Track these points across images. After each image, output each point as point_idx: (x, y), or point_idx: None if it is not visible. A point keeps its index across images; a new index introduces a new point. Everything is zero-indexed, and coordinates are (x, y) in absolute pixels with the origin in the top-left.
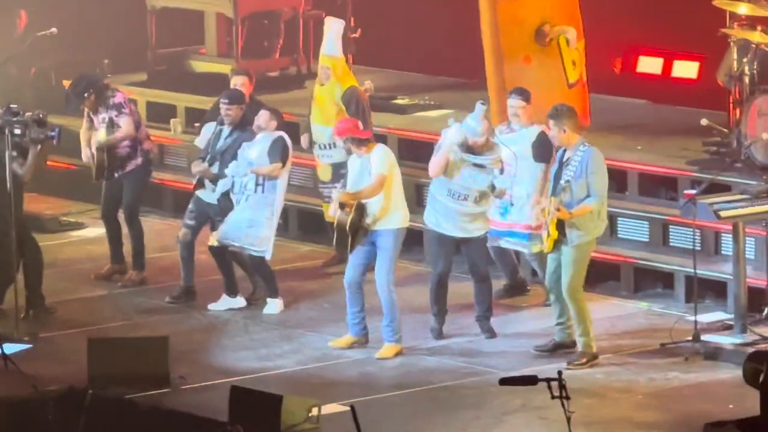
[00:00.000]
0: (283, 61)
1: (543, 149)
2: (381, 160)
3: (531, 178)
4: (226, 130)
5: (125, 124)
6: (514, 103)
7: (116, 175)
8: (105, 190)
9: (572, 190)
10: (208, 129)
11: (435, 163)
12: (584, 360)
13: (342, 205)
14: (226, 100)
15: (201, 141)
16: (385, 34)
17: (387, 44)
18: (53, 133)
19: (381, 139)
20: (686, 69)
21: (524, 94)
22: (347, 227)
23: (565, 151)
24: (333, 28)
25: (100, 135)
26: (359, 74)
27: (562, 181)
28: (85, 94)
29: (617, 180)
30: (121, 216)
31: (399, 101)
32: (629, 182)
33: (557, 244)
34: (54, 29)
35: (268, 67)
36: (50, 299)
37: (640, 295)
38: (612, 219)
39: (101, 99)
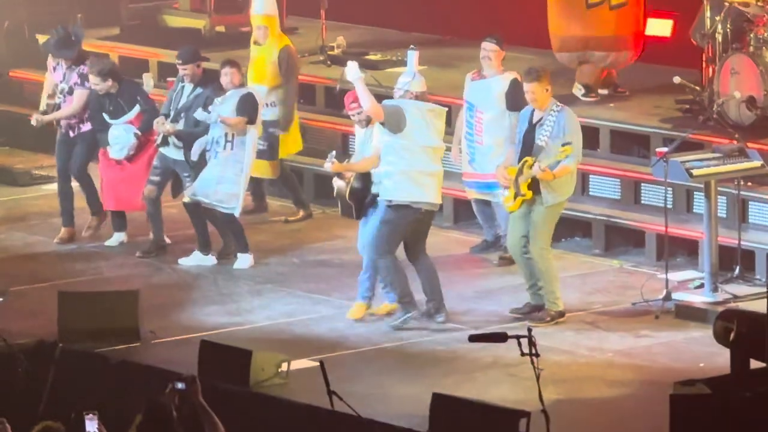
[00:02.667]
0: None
1: (517, 97)
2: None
3: (499, 127)
4: (188, 86)
5: (78, 98)
6: (487, 46)
7: (71, 134)
8: (58, 146)
9: (549, 150)
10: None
11: None
12: (548, 318)
13: (341, 174)
14: (179, 61)
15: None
16: None
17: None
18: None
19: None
20: (660, 27)
21: (498, 39)
22: (347, 196)
23: (533, 111)
24: None
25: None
26: (332, 30)
27: (539, 142)
28: (68, 55)
29: (589, 137)
30: None
31: (371, 57)
32: (601, 140)
33: (527, 204)
34: None
35: (241, 22)
36: (21, 252)
37: (612, 252)
38: (584, 176)
39: (78, 61)
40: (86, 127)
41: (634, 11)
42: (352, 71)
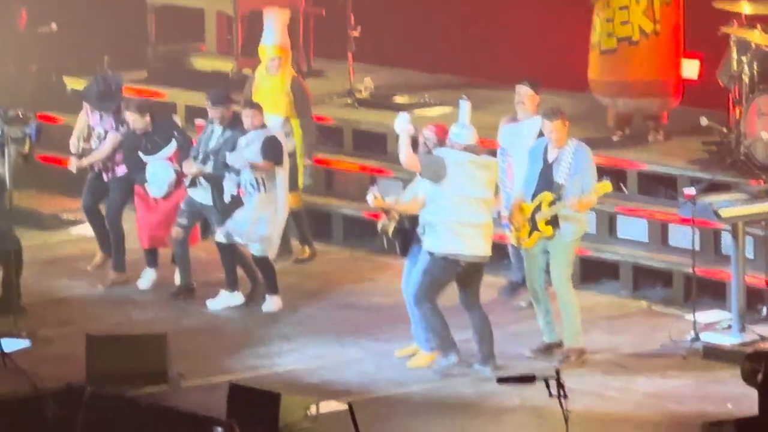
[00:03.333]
0: None
1: None
2: None
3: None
4: (218, 129)
5: (110, 142)
6: (521, 90)
7: (105, 177)
8: (89, 183)
9: (570, 187)
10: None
11: None
12: (574, 357)
13: (385, 210)
14: (210, 102)
15: None
16: (385, 31)
17: (386, 42)
18: (30, 131)
19: (380, 137)
20: (687, 68)
21: (533, 83)
22: (390, 233)
23: (546, 148)
24: (273, 17)
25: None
26: (359, 72)
27: (559, 180)
28: (114, 105)
29: (617, 179)
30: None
31: (399, 99)
32: (629, 181)
33: (544, 240)
34: (54, 25)
35: None
36: (49, 296)
37: (640, 294)
38: (611, 218)
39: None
40: (120, 171)
41: (668, 56)
42: (401, 122)
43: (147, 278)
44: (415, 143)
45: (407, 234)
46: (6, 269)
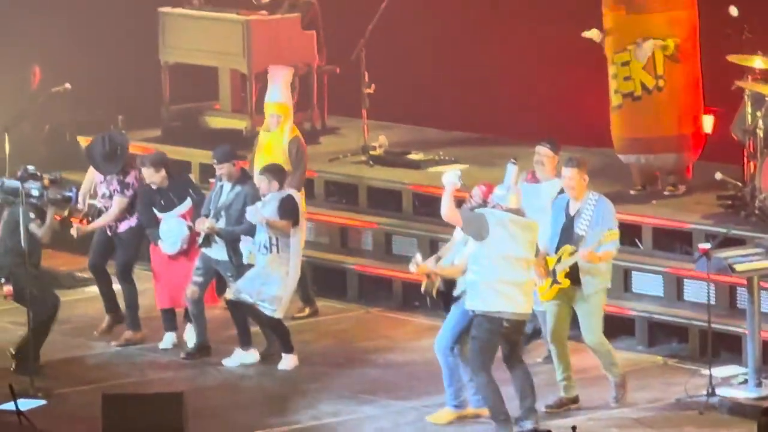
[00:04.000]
0: (297, 117)
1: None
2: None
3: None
4: (227, 185)
5: (116, 206)
6: (540, 150)
7: (109, 233)
8: (95, 242)
9: (589, 238)
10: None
11: None
12: (622, 392)
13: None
14: (215, 160)
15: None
16: (399, 88)
17: (400, 99)
18: (70, 194)
19: (395, 195)
20: (708, 123)
21: (553, 144)
22: (434, 295)
23: (569, 203)
24: (279, 75)
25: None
26: (374, 129)
27: (579, 232)
28: (117, 168)
29: (631, 234)
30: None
31: (413, 156)
32: (644, 236)
33: (563, 293)
34: (68, 85)
35: None
36: (65, 355)
37: (655, 349)
38: (626, 273)
39: (123, 169)
40: (124, 227)
41: (679, 111)
42: (450, 176)
43: (168, 341)
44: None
45: (449, 296)
46: (36, 330)
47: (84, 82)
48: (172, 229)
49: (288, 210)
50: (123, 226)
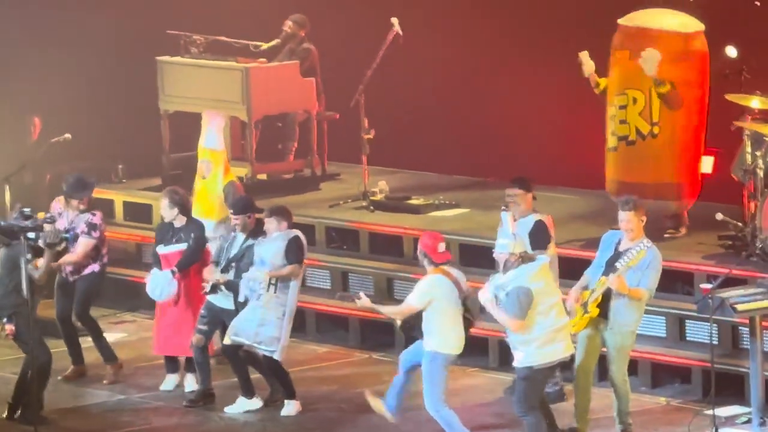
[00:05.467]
0: (298, 164)
1: (538, 237)
2: (420, 290)
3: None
4: (241, 236)
5: (83, 248)
6: (510, 191)
7: (71, 279)
8: (58, 290)
9: (627, 278)
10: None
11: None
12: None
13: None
14: (231, 210)
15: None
16: (398, 134)
17: (400, 144)
18: (67, 235)
19: (396, 240)
20: (702, 163)
21: (523, 183)
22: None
23: (620, 240)
24: (214, 122)
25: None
26: (374, 175)
27: (620, 266)
28: (82, 196)
29: None
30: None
31: (413, 201)
32: None
33: (595, 326)
34: (68, 135)
35: (283, 170)
36: (67, 404)
37: (659, 390)
38: None
39: (88, 208)
40: (87, 270)
41: (673, 158)
42: (485, 295)
43: (170, 382)
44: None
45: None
46: (33, 378)
47: (84, 132)
48: (156, 278)
49: (294, 251)
50: (87, 270)
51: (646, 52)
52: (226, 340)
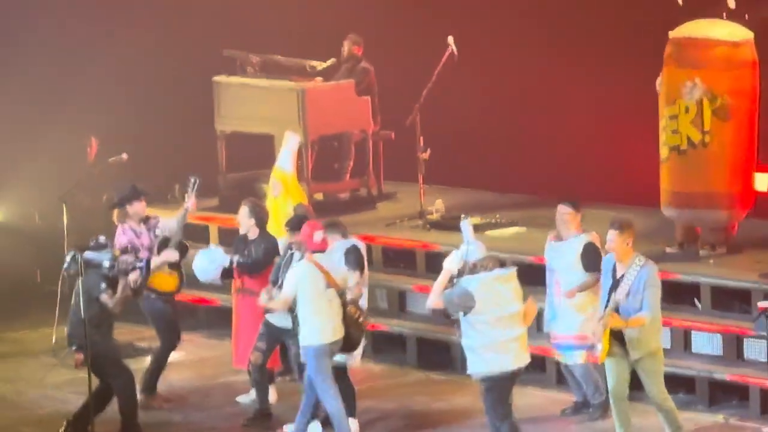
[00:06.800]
0: (354, 183)
1: (590, 259)
2: (288, 279)
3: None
4: (297, 254)
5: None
6: (561, 209)
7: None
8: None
9: (625, 306)
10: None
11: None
12: None
13: None
14: (287, 228)
15: None
16: (454, 153)
17: (456, 163)
18: (141, 264)
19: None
20: (759, 181)
21: (574, 203)
22: None
23: (615, 265)
24: (289, 143)
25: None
26: (430, 194)
27: (617, 297)
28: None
29: (690, 293)
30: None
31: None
32: (702, 296)
33: (619, 352)
34: (125, 155)
35: (339, 189)
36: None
37: (716, 408)
38: (686, 333)
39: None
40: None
41: (726, 167)
42: (450, 262)
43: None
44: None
45: None
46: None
47: (141, 151)
48: (210, 256)
49: (354, 260)
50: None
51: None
52: (294, 361)
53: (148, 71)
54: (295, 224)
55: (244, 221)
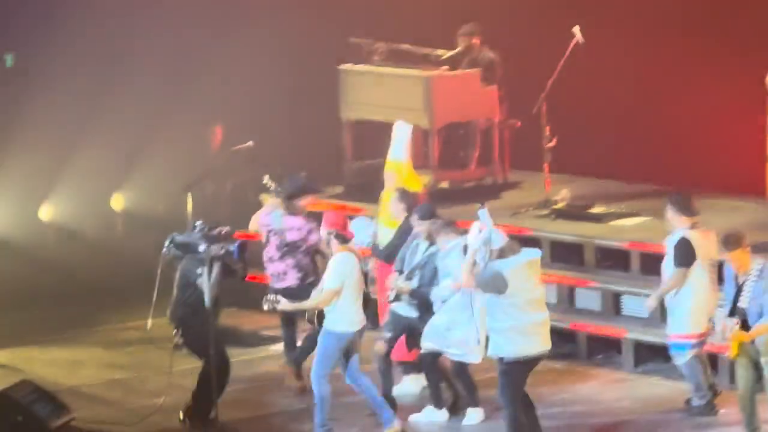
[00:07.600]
0: (479, 172)
1: (680, 254)
2: (335, 271)
3: (685, 284)
4: (423, 244)
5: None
6: (666, 206)
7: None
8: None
9: (751, 311)
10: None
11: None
12: None
13: None
14: (416, 217)
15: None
16: (581, 141)
17: (582, 152)
18: (232, 248)
19: (577, 248)
20: None
21: (675, 200)
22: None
23: (737, 275)
24: (400, 132)
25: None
26: (556, 183)
27: (740, 305)
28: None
29: None
30: None
31: (595, 210)
32: None
33: (745, 351)
34: (251, 143)
35: (464, 178)
36: (251, 412)
37: None
38: None
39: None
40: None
41: None
42: (474, 240)
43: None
44: None
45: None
46: (199, 385)
47: (266, 140)
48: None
49: None
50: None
51: None
52: (423, 350)
53: (275, 59)
54: (425, 213)
55: (395, 207)
